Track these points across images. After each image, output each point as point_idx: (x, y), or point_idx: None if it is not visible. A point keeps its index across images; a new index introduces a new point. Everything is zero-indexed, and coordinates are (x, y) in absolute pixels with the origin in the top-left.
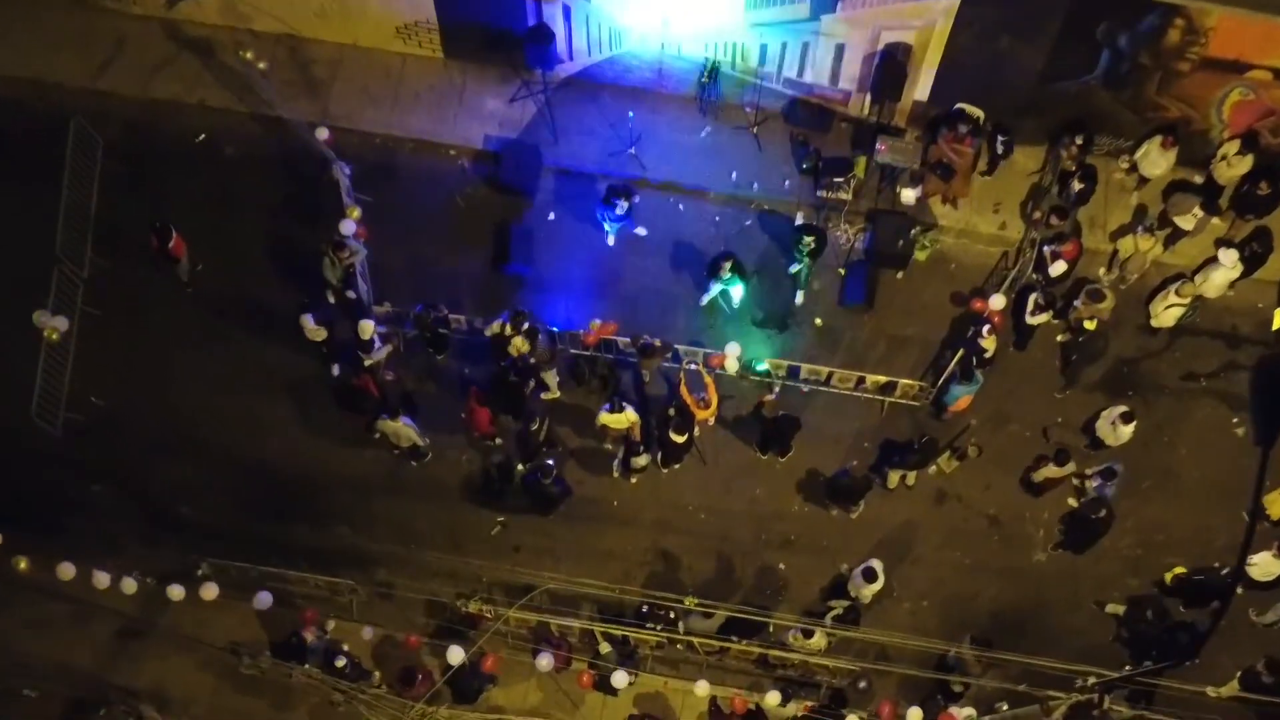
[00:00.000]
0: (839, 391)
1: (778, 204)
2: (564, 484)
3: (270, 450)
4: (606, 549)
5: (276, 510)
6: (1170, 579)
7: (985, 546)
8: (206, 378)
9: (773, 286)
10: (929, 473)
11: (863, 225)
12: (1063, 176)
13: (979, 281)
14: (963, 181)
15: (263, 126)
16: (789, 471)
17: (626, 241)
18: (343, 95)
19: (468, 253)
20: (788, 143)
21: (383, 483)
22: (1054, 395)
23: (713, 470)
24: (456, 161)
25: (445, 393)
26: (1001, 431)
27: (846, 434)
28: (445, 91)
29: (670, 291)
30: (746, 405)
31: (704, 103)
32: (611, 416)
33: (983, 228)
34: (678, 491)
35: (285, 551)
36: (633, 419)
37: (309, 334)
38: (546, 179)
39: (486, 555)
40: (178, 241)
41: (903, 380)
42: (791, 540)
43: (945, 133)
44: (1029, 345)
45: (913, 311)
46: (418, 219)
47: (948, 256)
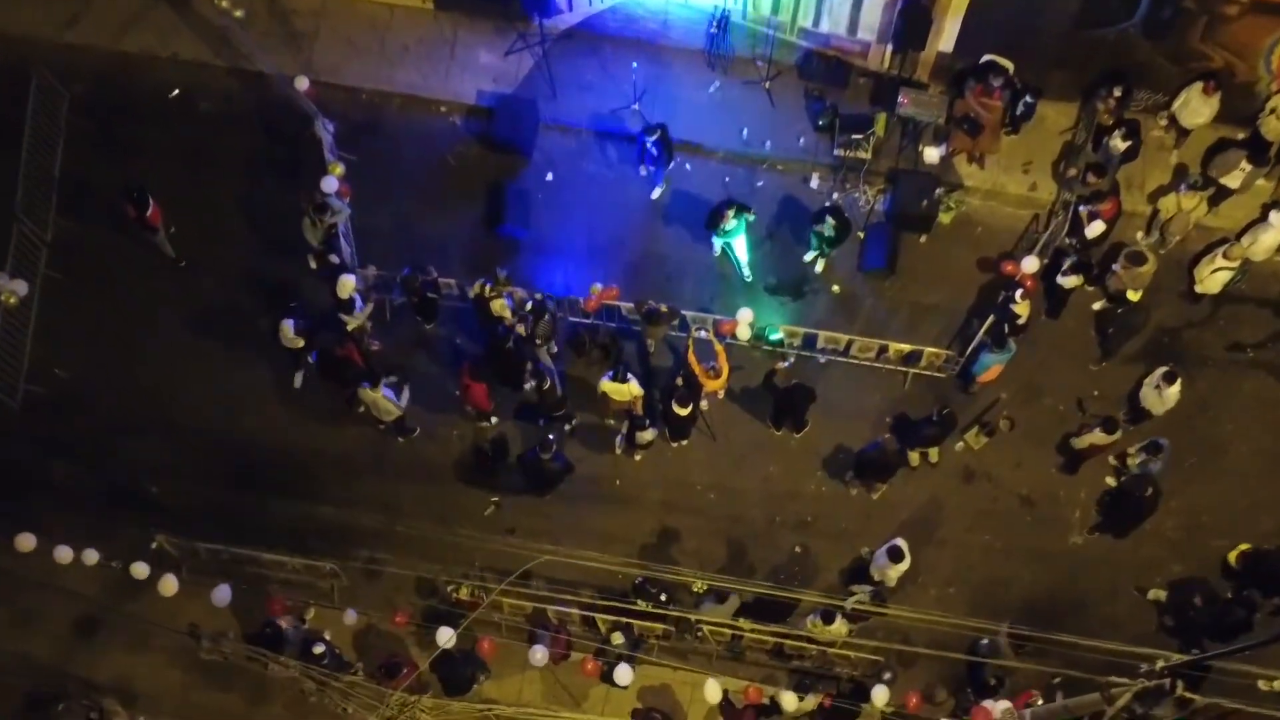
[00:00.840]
0: (859, 362)
1: (792, 164)
2: (564, 460)
3: (246, 426)
4: (608, 531)
5: (252, 490)
6: (1235, 558)
7: (1017, 529)
8: (179, 349)
9: (786, 251)
10: (956, 449)
11: (883, 186)
12: (1099, 132)
13: (1008, 246)
14: (991, 137)
15: (240, 81)
16: (805, 448)
17: (630, 203)
18: (326, 48)
19: (459, 214)
20: (802, 99)
21: (367, 460)
22: (1089, 367)
23: (722, 447)
24: (447, 118)
25: (435, 364)
26: (1033, 405)
27: (867, 408)
28: (435, 44)
29: (676, 256)
30: (759, 378)
31: (712, 56)
32: (613, 385)
33: (1011, 188)
34: (685, 469)
35: (261, 534)
36: (636, 392)
37: (286, 341)
38: (544, 137)
39: (479, 538)
40: (155, 210)
41: (929, 349)
42: (808, 522)
43: (973, 84)
44: (1062, 313)
45: (937, 278)
46: (405, 178)
47: (974, 219)
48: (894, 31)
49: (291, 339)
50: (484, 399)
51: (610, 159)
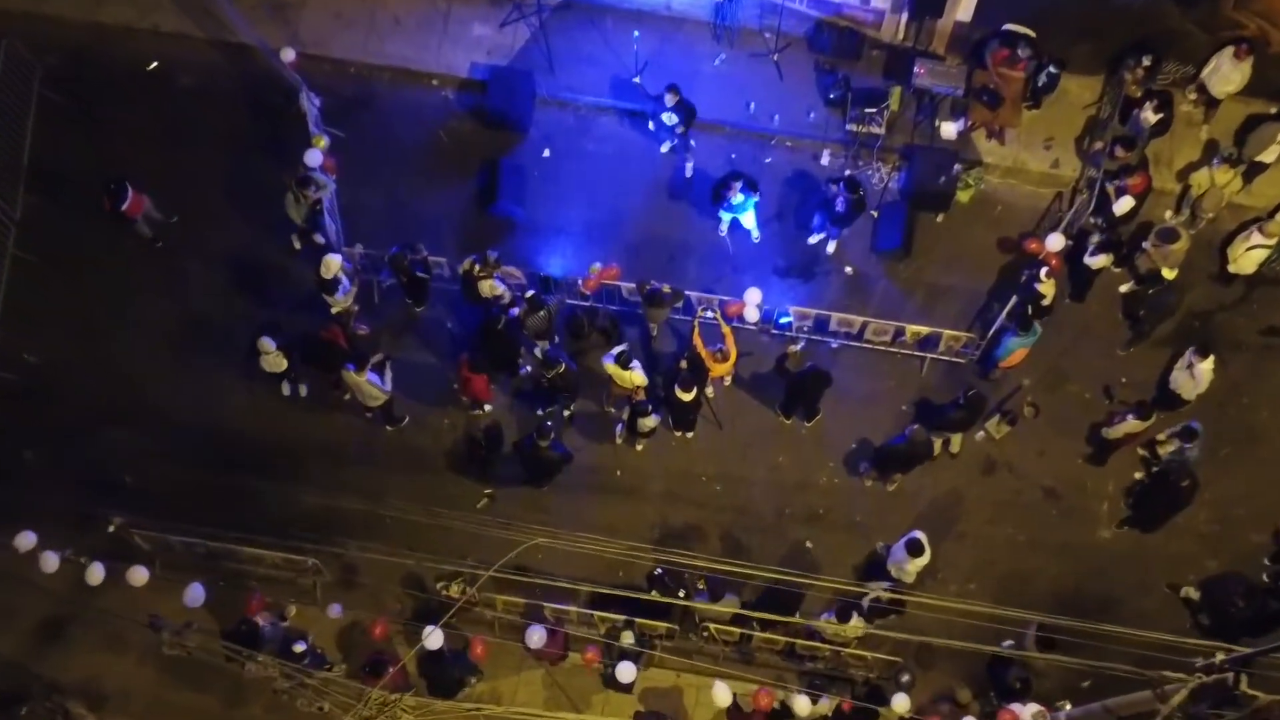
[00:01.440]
0: (873, 347)
1: (801, 140)
2: (563, 448)
3: (226, 414)
4: (608, 524)
5: (230, 481)
6: None
7: (1042, 522)
8: (156, 332)
9: (795, 231)
10: (976, 439)
11: (898, 163)
12: (1126, 104)
13: (1029, 226)
14: (1012, 110)
15: (222, 54)
16: (815, 437)
17: (631, 181)
18: (313, 20)
19: (452, 192)
20: (812, 72)
21: (354, 450)
22: (1117, 352)
23: (729, 435)
24: (439, 92)
25: (426, 349)
26: (1058, 392)
27: (882, 395)
28: (427, 15)
29: (680, 236)
30: (766, 363)
31: (718, 27)
32: (616, 369)
33: (1033, 165)
34: (689, 459)
35: (240, 527)
36: (639, 381)
37: (267, 364)
38: (541, 112)
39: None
40: (134, 200)
41: (948, 331)
42: (819, 515)
43: (996, 46)
44: (1088, 295)
45: (955, 259)
46: (395, 155)
47: (993, 198)
48: (908, 6)
49: (273, 357)
50: (485, 390)
51: (610, 135)
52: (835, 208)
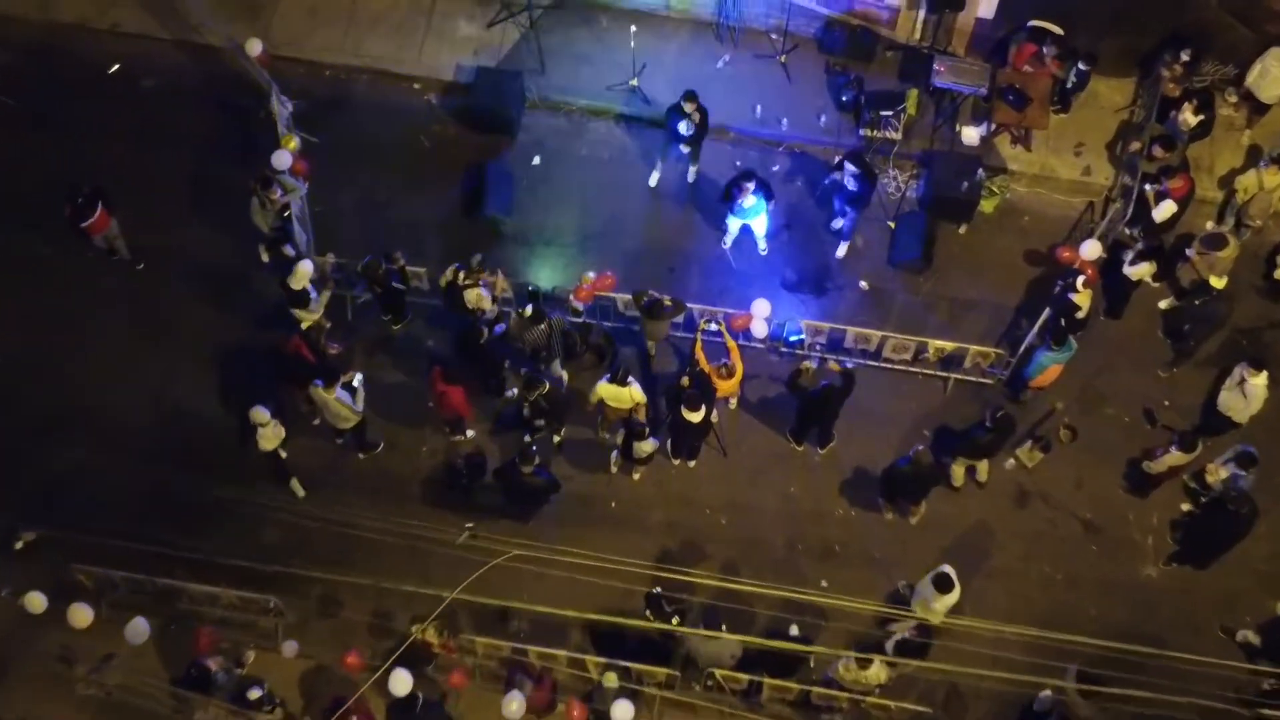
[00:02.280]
0: (892, 367)
1: (811, 145)
2: (549, 475)
3: (185, 435)
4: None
5: (188, 510)
6: None
7: (1080, 558)
8: (114, 344)
9: (805, 241)
10: (1006, 467)
11: (915, 170)
12: (1164, 104)
13: (1058, 237)
14: (1039, 110)
15: (189, 56)
16: (831, 464)
17: (628, 188)
18: (287, 17)
19: (434, 199)
20: (822, 74)
21: (323, 478)
22: (1158, 373)
23: (735, 463)
24: (422, 96)
25: (403, 370)
26: (1094, 416)
27: (902, 419)
28: (410, 13)
29: (681, 247)
30: (775, 386)
31: (721, 26)
32: (611, 389)
33: (1062, 173)
34: (691, 488)
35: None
36: (638, 397)
37: (265, 439)
38: (532, 117)
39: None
40: (101, 218)
41: (974, 347)
42: (835, 550)
43: (1021, 43)
44: (1125, 311)
45: (979, 272)
46: (373, 160)
47: (1020, 207)
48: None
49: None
50: (463, 405)
51: (605, 139)
52: (847, 188)
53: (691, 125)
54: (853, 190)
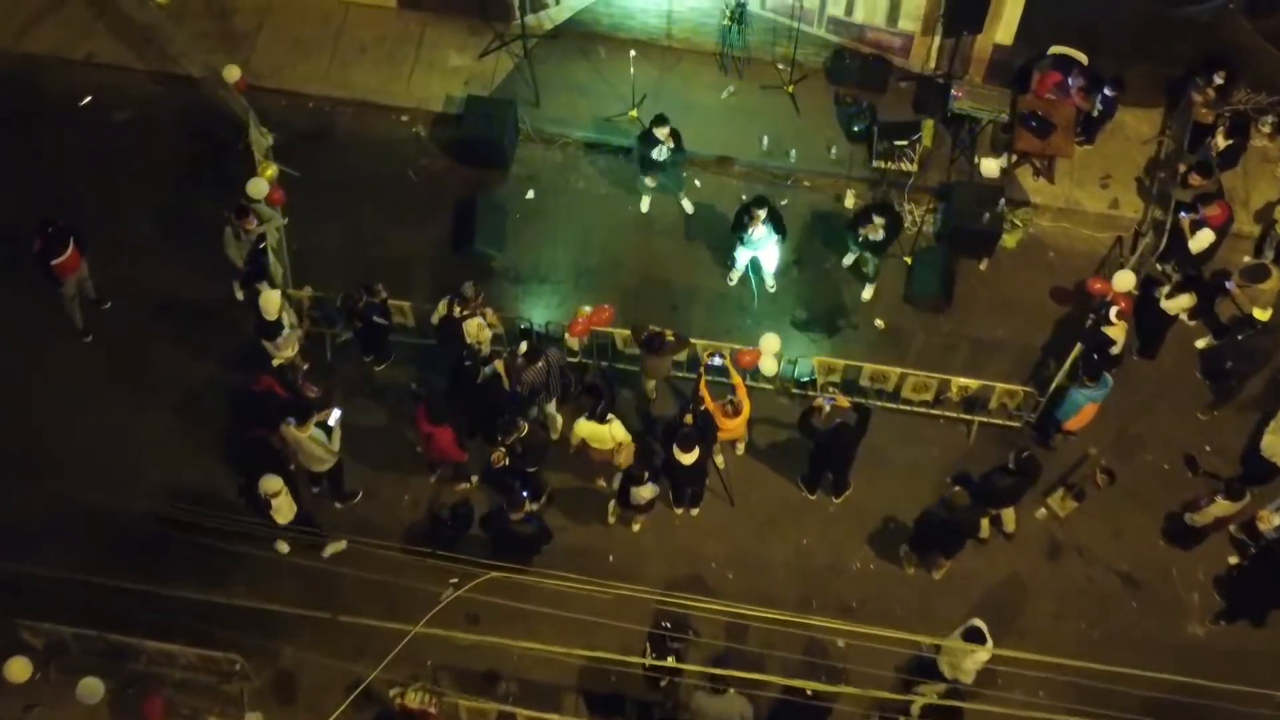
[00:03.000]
0: (911, 409)
1: (821, 178)
2: (540, 523)
3: (147, 480)
4: (597, 618)
5: (147, 561)
6: None
7: (1120, 615)
8: (74, 384)
9: (816, 279)
10: (1037, 516)
11: (932, 204)
12: (1196, 131)
13: (1086, 273)
14: (1064, 137)
15: (165, 87)
16: (846, 515)
17: (626, 223)
18: (269, 48)
19: (421, 234)
20: (832, 104)
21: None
22: (1197, 416)
23: (743, 513)
24: (409, 128)
25: (386, 414)
26: (1133, 463)
27: (923, 466)
28: (398, 43)
29: (683, 283)
30: (784, 431)
31: (726, 56)
32: (590, 428)
33: (1088, 205)
34: (696, 541)
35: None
36: (620, 436)
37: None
38: (525, 149)
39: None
40: (72, 256)
41: (1001, 385)
42: (852, 607)
43: (1045, 70)
44: (1160, 349)
45: (1002, 310)
46: (357, 195)
47: (1044, 242)
48: (945, 10)
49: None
50: (452, 447)
51: (603, 172)
52: (871, 239)
53: (665, 151)
54: (879, 240)
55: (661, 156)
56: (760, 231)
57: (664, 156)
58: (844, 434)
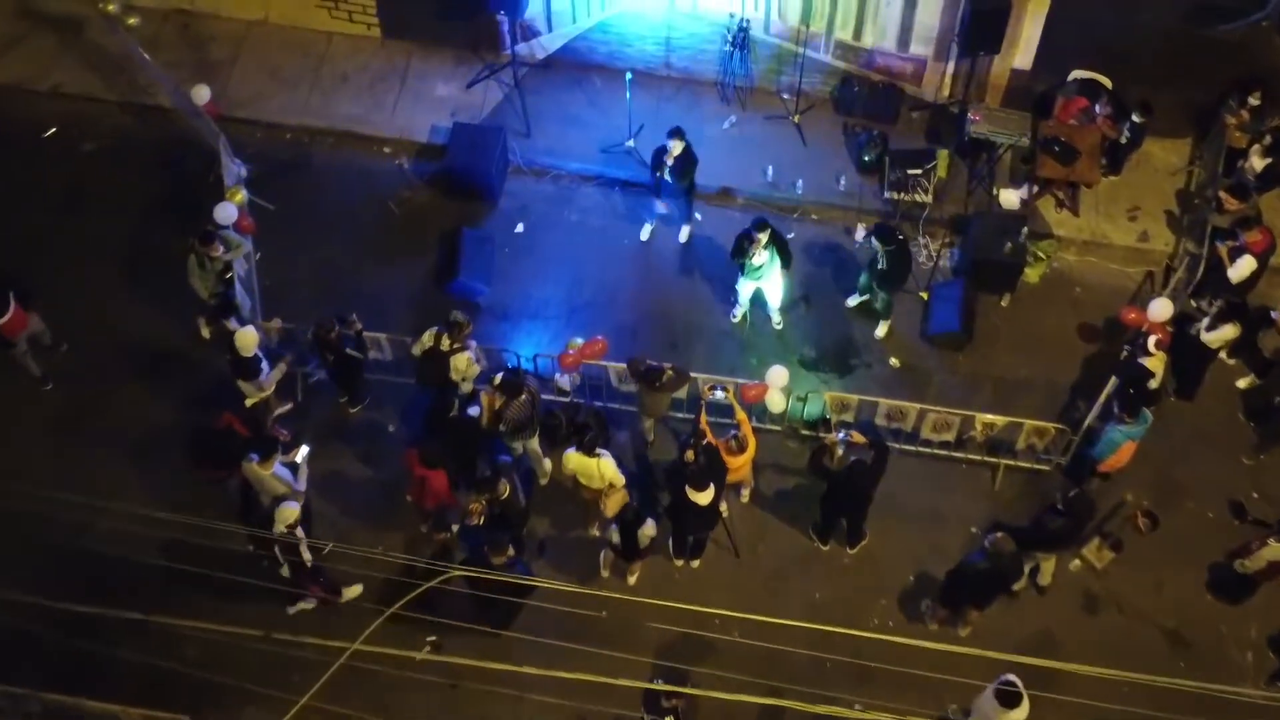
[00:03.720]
0: (931, 451)
1: (830, 210)
2: (525, 568)
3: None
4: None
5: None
6: None
7: (1166, 676)
8: (28, 429)
9: (825, 315)
10: (1071, 569)
11: (949, 238)
12: (1229, 156)
13: (1114, 310)
14: (1090, 165)
15: (134, 118)
16: (862, 567)
17: (623, 258)
18: (245, 78)
19: (403, 269)
20: (840, 134)
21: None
22: (1242, 460)
23: (749, 564)
24: (392, 160)
25: (359, 459)
26: (1173, 509)
27: (944, 514)
28: (381, 75)
29: (683, 319)
30: (792, 477)
31: (727, 85)
32: (579, 460)
33: (1116, 239)
34: (697, 595)
35: (101, 678)
36: (609, 475)
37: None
38: (515, 181)
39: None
40: (15, 316)
41: (1029, 422)
42: (870, 669)
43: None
44: (1199, 390)
45: (1026, 348)
46: (334, 228)
47: (1069, 277)
48: (960, 31)
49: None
50: (448, 492)
51: (597, 205)
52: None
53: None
54: (885, 268)
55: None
56: (762, 258)
57: (675, 179)
58: (860, 474)
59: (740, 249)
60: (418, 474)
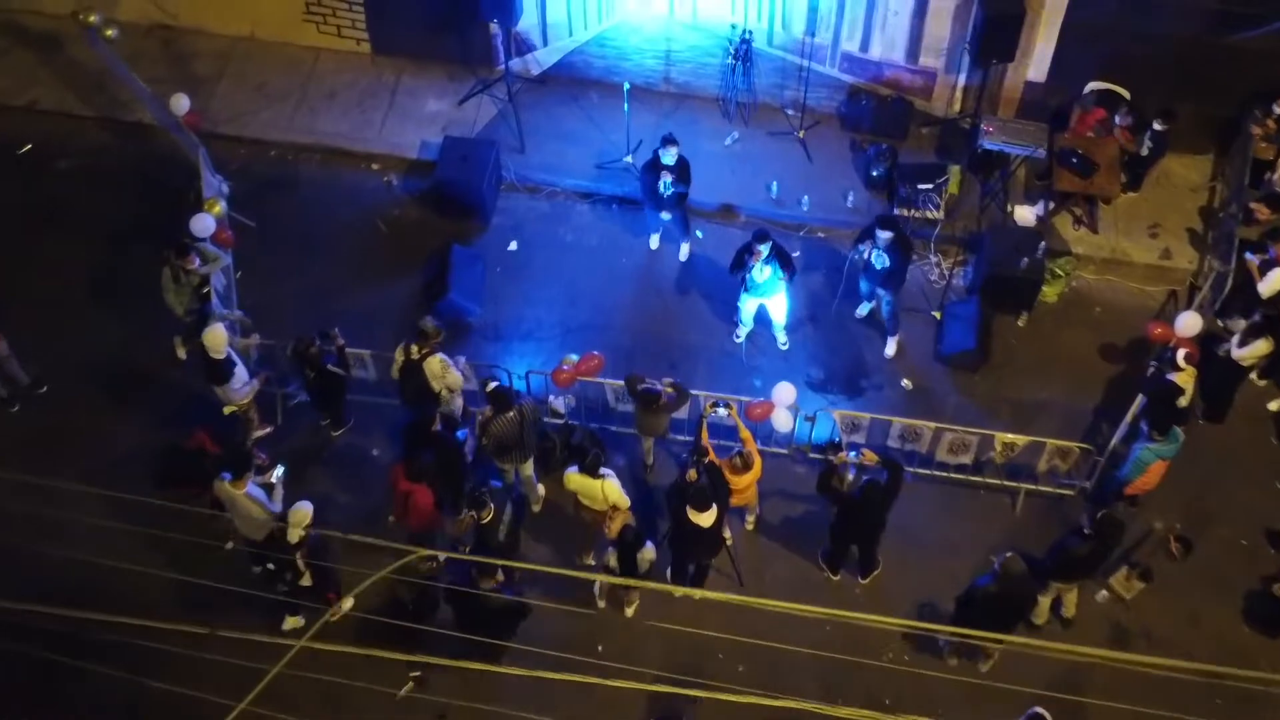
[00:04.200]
0: (947, 475)
1: (836, 228)
2: (514, 594)
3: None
4: (584, 715)
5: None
6: None
7: (1205, 714)
8: None
9: (833, 335)
10: (1098, 600)
11: (961, 256)
12: (1255, 168)
13: (1136, 330)
14: (1109, 178)
15: (113, 134)
16: (875, 599)
17: (620, 277)
18: (230, 94)
19: (390, 288)
20: (847, 150)
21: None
22: (1275, 485)
23: (753, 594)
24: (381, 177)
25: (340, 484)
26: (1205, 539)
27: (961, 542)
28: (370, 91)
29: (682, 340)
30: (800, 504)
31: (729, 101)
32: (581, 480)
33: (1137, 257)
34: (699, 626)
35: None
36: (614, 496)
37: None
38: (508, 199)
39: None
40: None
41: (1052, 442)
42: (885, 706)
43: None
44: (1228, 412)
45: (1045, 369)
46: (321, 248)
47: (1088, 297)
48: (972, 37)
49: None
50: (433, 509)
51: (593, 223)
52: (875, 266)
53: (671, 184)
54: (886, 265)
55: (667, 191)
56: (764, 272)
57: (671, 191)
58: (873, 495)
59: (740, 262)
60: (402, 489)
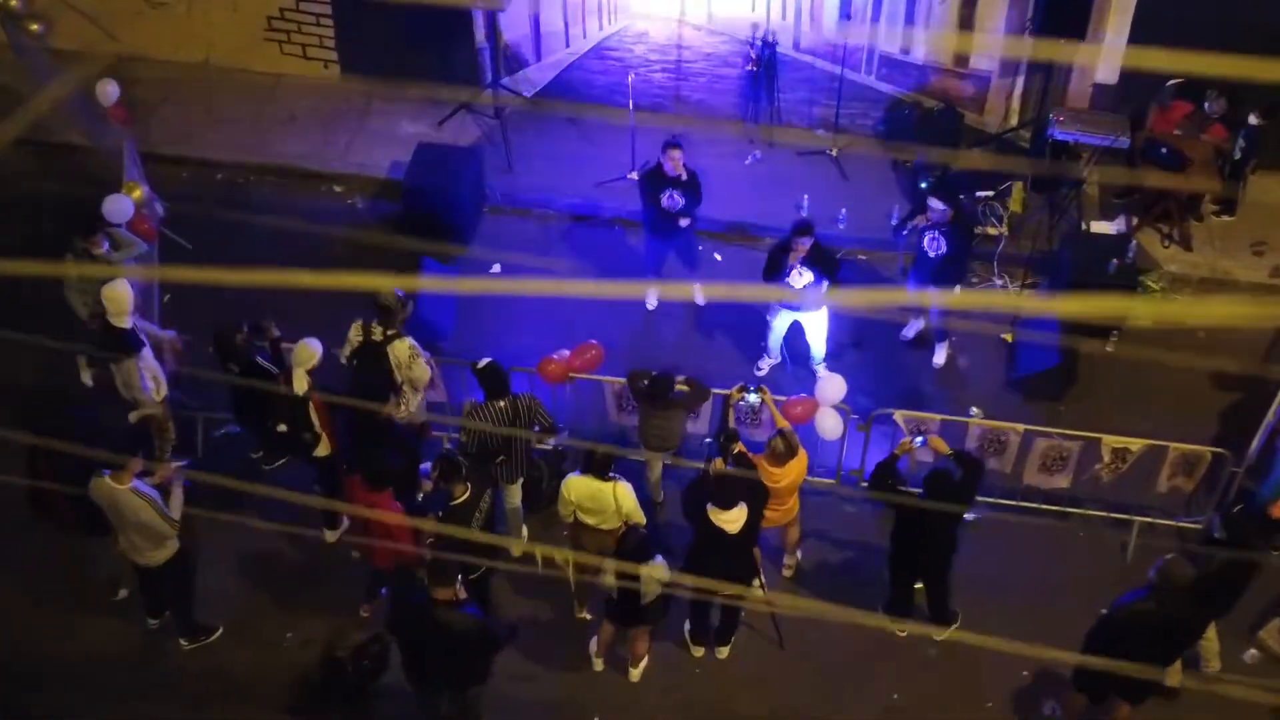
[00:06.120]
0: (1037, 507)
1: (878, 251)
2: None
3: None
4: None
5: None
6: None
7: None
8: None
9: (881, 361)
10: (1247, 660)
11: (1030, 279)
12: None
13: (1248, 356)
14: (1205, 173)
15: (39, 160)
16: (955, 658)
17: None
18: (174, 117)
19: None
20: (888, 168)
21: (124, 678)
22: None
23: (798, 655)
24: (344, 200)
25: (269, 519)
26: None
27: (1061, 590)
28: (337, 113)
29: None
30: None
31: (749, 116)
32: (586, 484)
33: (1241, 275)
34: (725, 696)
35: None
36: (629, 507)
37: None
38: (492, 223)
39: None
40: None
41: (1176, 445)
42: None
43: (1168, 104)
44: None
45: (1140, 398)
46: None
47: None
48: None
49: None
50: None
51: (592, 245)
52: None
53: (676, 200)
54: (942, 251)
55: (675, 206)
56: (804, 278)
57: (678, 207)
58: (940, 487)
59: (775, 264)
60: (363, 500)
